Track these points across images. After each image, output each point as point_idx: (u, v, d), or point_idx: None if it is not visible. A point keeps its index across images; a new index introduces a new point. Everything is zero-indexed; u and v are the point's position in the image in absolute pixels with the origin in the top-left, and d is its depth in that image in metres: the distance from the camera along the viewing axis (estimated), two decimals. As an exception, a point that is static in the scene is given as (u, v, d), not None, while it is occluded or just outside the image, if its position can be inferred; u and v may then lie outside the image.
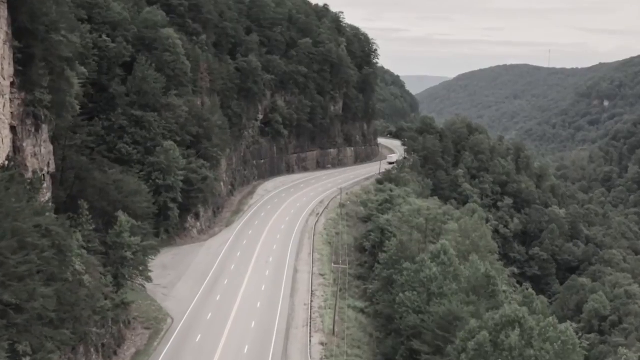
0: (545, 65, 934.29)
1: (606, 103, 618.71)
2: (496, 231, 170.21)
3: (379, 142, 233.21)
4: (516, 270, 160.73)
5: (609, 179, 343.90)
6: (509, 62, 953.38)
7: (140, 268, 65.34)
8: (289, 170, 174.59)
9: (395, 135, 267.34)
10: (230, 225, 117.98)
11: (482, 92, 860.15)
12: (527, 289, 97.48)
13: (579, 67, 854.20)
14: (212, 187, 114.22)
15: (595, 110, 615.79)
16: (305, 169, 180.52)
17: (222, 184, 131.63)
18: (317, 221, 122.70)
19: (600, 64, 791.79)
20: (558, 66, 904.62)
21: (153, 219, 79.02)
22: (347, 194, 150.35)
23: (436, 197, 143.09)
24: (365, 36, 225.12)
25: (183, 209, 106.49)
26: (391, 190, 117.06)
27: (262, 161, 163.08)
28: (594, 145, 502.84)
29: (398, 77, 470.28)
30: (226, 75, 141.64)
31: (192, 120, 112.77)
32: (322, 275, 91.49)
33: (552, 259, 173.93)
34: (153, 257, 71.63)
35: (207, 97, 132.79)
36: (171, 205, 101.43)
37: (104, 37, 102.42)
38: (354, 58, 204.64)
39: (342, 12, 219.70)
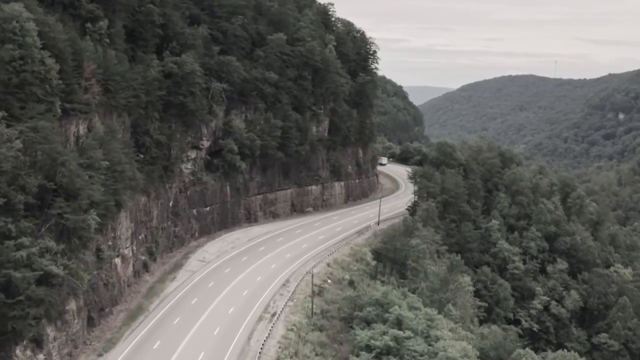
0: (551, 76, 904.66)
1: (621, 116, 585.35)
2: (546, 309, 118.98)
3: (377, 170, 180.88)
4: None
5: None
6: (512, 73, 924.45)
7: None
8: (250, 218, 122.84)
9: (400, 159, 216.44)
10: (109, 352, 65.88)
11: (487, 104, 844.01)
12: None
13: (586, 77, 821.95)
14: (69, 286, 62.72)
15: (609, 124, 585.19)
16: (274, 216, 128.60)
17: (118, 260, 79.97)
18: (269, 335, 71.05)
19: (610, 74, 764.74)
20: (562, 77, 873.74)
21: None
22: (328, 264, 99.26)
23: (467, 277, 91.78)
24: (362, 34, 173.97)
25: (3, 337, 55.37)
26: (399, 323, 60.73)
27: (207, 209, 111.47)
28: (612, 162, 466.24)
29: (401, 87, 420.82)
30: (140, 84, 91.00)
31: (32, 164, 61.87)
32: None
33: (624, 347, 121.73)
34: None
35: (103, 117, 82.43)
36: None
37: None
38: (346, 62, 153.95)
39: (332, 4, 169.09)
